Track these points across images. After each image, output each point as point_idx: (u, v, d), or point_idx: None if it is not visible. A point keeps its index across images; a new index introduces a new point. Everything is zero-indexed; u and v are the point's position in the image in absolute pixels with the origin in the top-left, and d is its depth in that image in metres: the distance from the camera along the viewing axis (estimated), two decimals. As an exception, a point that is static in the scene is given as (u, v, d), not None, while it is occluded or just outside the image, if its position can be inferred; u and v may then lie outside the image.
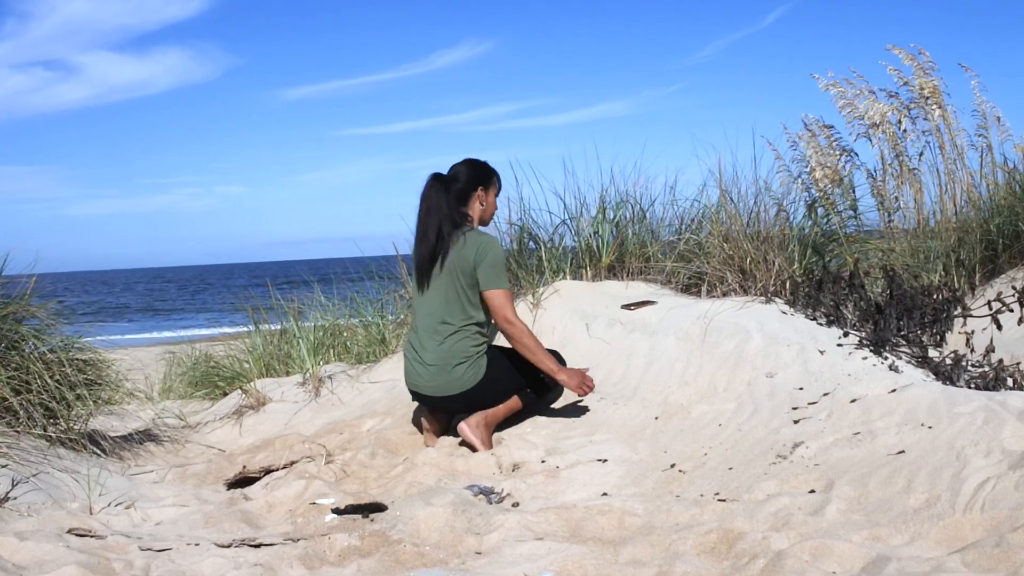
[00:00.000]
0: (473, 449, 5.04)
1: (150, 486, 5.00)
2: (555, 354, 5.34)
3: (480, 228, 5.32)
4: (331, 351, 7.76)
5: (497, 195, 5.39)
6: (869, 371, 5.05)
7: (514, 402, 5.27)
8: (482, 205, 5.27)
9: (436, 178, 5.19)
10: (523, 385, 5.30)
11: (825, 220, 7.27)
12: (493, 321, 5.18)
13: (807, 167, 7.91)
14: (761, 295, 6.18)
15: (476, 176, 5.26)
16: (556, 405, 5.52)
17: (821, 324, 5.75)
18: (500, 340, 5.53)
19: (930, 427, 4.25)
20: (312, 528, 4.06)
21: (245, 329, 8.95)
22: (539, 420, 5.38)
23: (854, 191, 7.87)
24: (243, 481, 5.09)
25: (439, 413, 5.33)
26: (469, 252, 5.03)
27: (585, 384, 5.16)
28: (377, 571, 3.53)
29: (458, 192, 5.19)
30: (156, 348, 12.84)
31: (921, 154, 7.84)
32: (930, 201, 7.73)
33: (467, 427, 5.07)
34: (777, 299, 6.11)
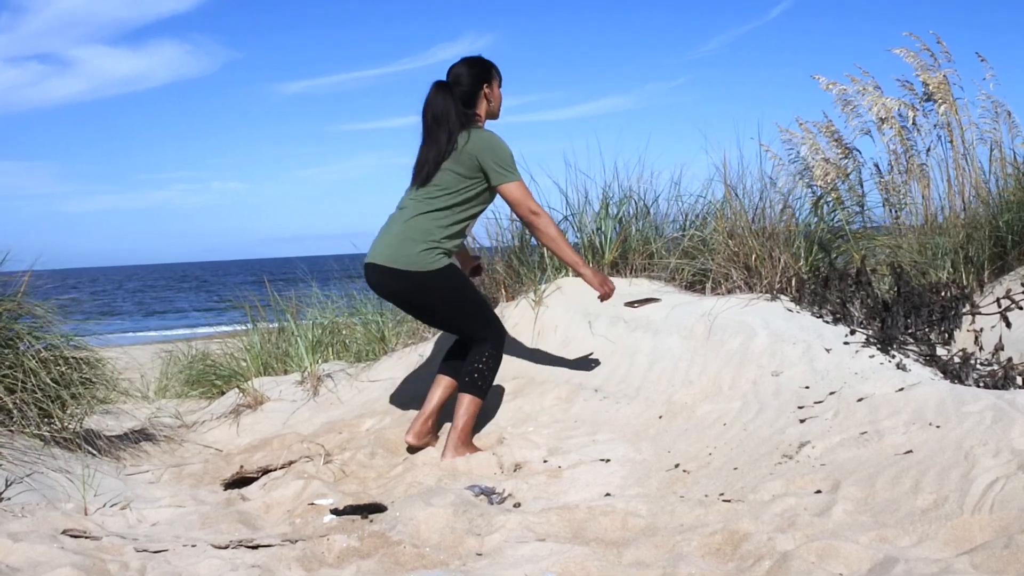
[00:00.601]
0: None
1: (146, 486, 5.01)
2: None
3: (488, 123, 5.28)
4: (330, 349, 7.77)
5: (500, 85, 5.33)
6: (876, 369, 5.05)
7: (472, 404, 5.08)
8: (489, 101, 5.23)
9: (440, 85, 5.14)
10: (475, 327, 5.13)
11: (831, 216, 7.26)
12: (514, 216, 5.09)
13: (805, 167, 7.91)
14: (766, 292, 6.17)
15: (479, 74, 5.20)
16: (558, 404, 5.52)
17: (827, 322, 5.75)
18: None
19: (938, 426, 4.25)
20: (310, 529, 4.07)
21: (242, 327, 8.96)
22: (541, 419, 5.38)
23: (862, 186, 7.86)
24: (240, 481, 5.09)
25: (428, 421, 5.26)
26: (472, 145, 4.96)
27: (607, 284, 5.15)
28: (376, 573, 3.53)
29: (463, 95, 5.13)
30: (152, 346, 12.83)
31: (929, 149, 7.83)
32: (938, 197, 7.72)
33: (447, 459, 4.98)
34: (783, 296, 6.11)
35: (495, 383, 5.43)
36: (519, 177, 5.02)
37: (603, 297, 5.22)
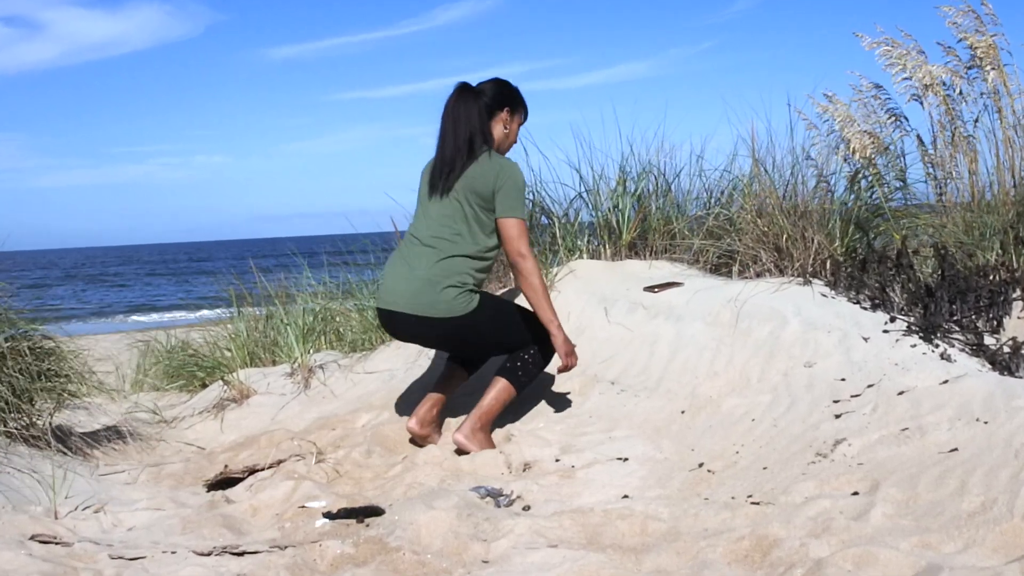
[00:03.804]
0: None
1: (121, 488, 5.02)
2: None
3: None
4: (322, 338, 7.78)
5: (521, 125, 5.39)
6: (918, 360, 5.04)
7: (506, 391, 5.16)
8: (505, 129, 5.26)
9: (465, 88, 5.20)
10: (526, 341, 5.21)
11: (870, 193, 7.23)
12: (504, 252, 5.12)
13: (841, 138, 7.87)
14: (799, 276, 6.17)
15: (503, 96, 5.26)
16: (571, 398, 5.52)
17: (865, 308, 5.74)
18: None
19: (986, 422, 4.24)
20: (301, 534, 4.07)
21: (226, 313, 8.97)
22: (552, 414, 5.39)
23: (904, 159, 7.83)
24: (225, 482, 5.10)
25: (433, 408, 5.29)
26: (489, 173, 5.02)
27: (573, 355, 5.15)
28: (373, 582, 3.54)
29: (483, 107, 5.18)
30: (127, 335, 12.86)
31: (977, 120, 7.80)
32: (986, 171, 7.68)
33: (462, 437, 5.03)
34: (816, 280, 6.10)
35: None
36: (524, 216, 5.08)
37: (562, 369, 5.22)
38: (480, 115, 5.12)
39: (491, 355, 5.46)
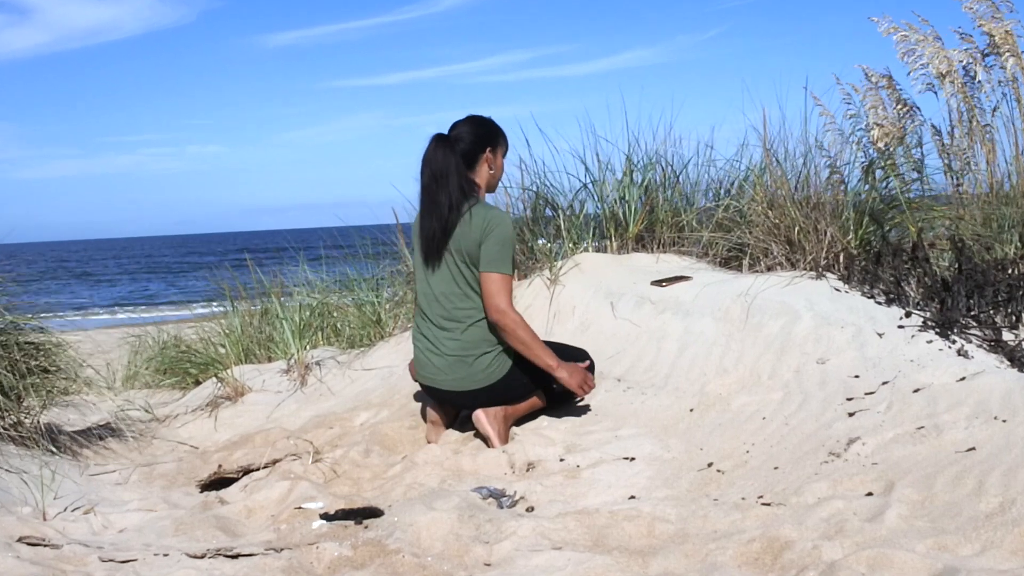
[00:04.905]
0: (488, 443, 5.05)
1: (112, 488, 5.02)
2: (565, 348, 5.31)
3: (487, 198, 5.30)
4: (319, 334, 7.78)
5: (504, 156, 5.37)
6: (934, 356, 5.04)
7: (537, 399, 5.29)
8: (491, 169, 5.25)
9: (440, 139, 5.16)
10: (549, 382, 5.28)
11: (885, 184, 7.23)
12: (484, 307, 5.09)
13: (863, 124, 7.85)
14: (811, 270, 6.17)
15: (482, 136, 5.23)
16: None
17: (879, 303, 5.74)
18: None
19: (1004, 421, 4.24)
20: (297, 536, 4.07)
21: (221, 308, 8.97)
22: (556, 412, 5.38)
23: (921, 149, 7.82)
24: (219, 483, 5.10)
25: (448, 406, 5.34)
26: (476, 228, 5.02)
27: (586, 383, 5.18)
28: (372, 585, 3.54)
29: (463, 155, 5.16)
30: (118, 330, 12.86)
31: (995, 108, 7.79)
32: (1005, 162, 7.67)
33: (485, 417, 5.08)
34: (829, 274, 6.10)
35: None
36: (508, 271, 5.06)
37: (582, 395, 5.37)
38: (458, 167, 5.09)
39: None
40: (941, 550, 3.37)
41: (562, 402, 5.43)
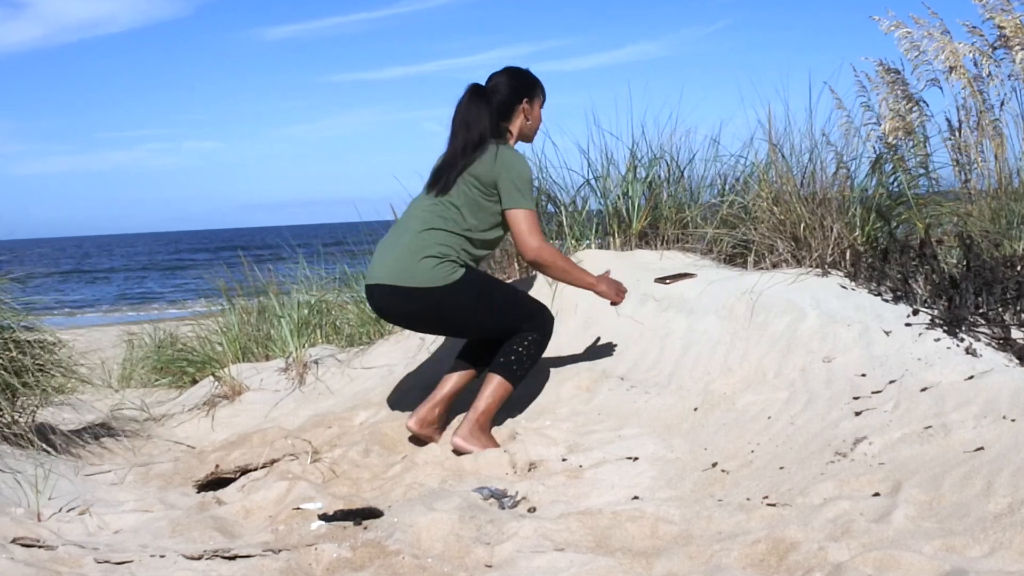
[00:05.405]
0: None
1: (108, 488, 5.02)
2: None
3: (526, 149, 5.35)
4: (318, 331, 7.77)
5: (542, 106, 5.42)
6: (942, 355, 5.04)
7: (501, 387, 5.12)
8: (527, 119, 5.31)
9: (476, 90, 5.21)
10: (514, 324, 5.17)
11: (892, 179, 7.22)
12: (516, 249, 5.18)
13: (875, 118, 7.84)
14: (817, 267, 6.16)
15: (520, 87, 5.29)
16: (578, 395, 5.51)
17: (887, 300, 5.74)
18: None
19: (1013, 420, 4.24)
20: (296, 537, 4.07)
21: (218, 306, 8.97)
22: (559, 412, 5.38)
23: (928, 144, 7.81)
24: (216, 483, 5.10)
25: (436, 408, 5.27)
26: (489, 160, 5.03)
27: (620, 291, 5.36)
28: (371, 587, 3.54)
29: (499, 105, 5.21)
30: (115, 327, 12.87)
31: (1004, 102, 7.78)
32: (1014, 157, 7.66)
33: (461, 440, 5.01)
34: (835, 271, 6.10)
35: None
36: (532, 206, 5.07)
37: (618, 301, 5.42)
38: (491, 119, 5.14)
39: (479, 337, 5.37)
40: (949, 551, 3.37)
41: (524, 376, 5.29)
